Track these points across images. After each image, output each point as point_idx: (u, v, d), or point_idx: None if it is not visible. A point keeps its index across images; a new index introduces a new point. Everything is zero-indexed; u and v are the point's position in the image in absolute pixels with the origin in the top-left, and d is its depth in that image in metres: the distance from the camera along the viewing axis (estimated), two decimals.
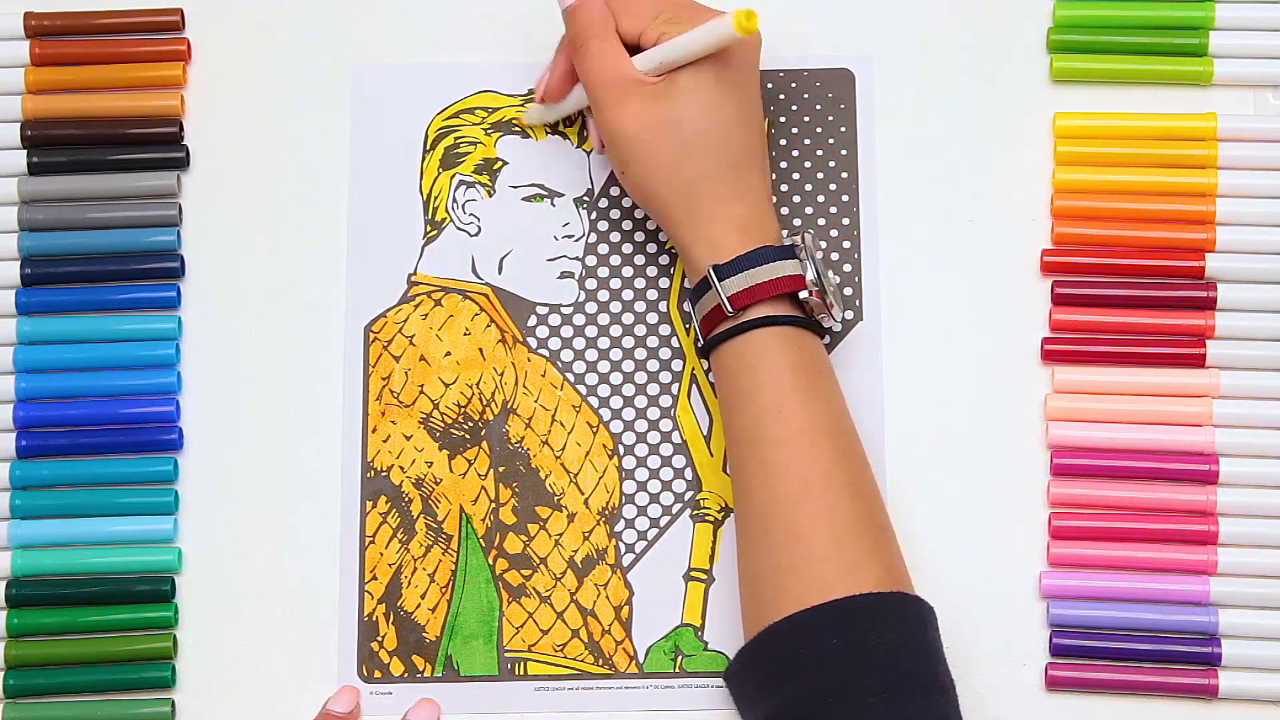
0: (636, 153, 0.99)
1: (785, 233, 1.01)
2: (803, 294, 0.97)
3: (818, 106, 1.08)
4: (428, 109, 1.09)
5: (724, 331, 0.97)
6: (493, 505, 1.05)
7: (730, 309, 0.96)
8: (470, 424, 1.05)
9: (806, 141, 1.08)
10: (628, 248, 1.07)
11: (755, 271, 0.96)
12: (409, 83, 1.09)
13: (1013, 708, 1.02)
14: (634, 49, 1.01)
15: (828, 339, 1.05)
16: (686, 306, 1.06)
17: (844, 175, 1.07)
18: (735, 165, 0.98)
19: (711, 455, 1.05)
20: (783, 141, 1.08)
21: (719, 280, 0.96)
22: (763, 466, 0.95)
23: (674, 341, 1.06)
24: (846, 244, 1.07)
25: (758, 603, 0.95)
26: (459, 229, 1.08)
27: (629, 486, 1.05)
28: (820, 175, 1.07)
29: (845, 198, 1.07)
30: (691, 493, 1.05)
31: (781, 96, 1.08)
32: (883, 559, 0.94)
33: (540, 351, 1.06)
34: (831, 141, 1.08)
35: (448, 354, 1.06)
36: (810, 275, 0.97)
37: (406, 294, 1.07)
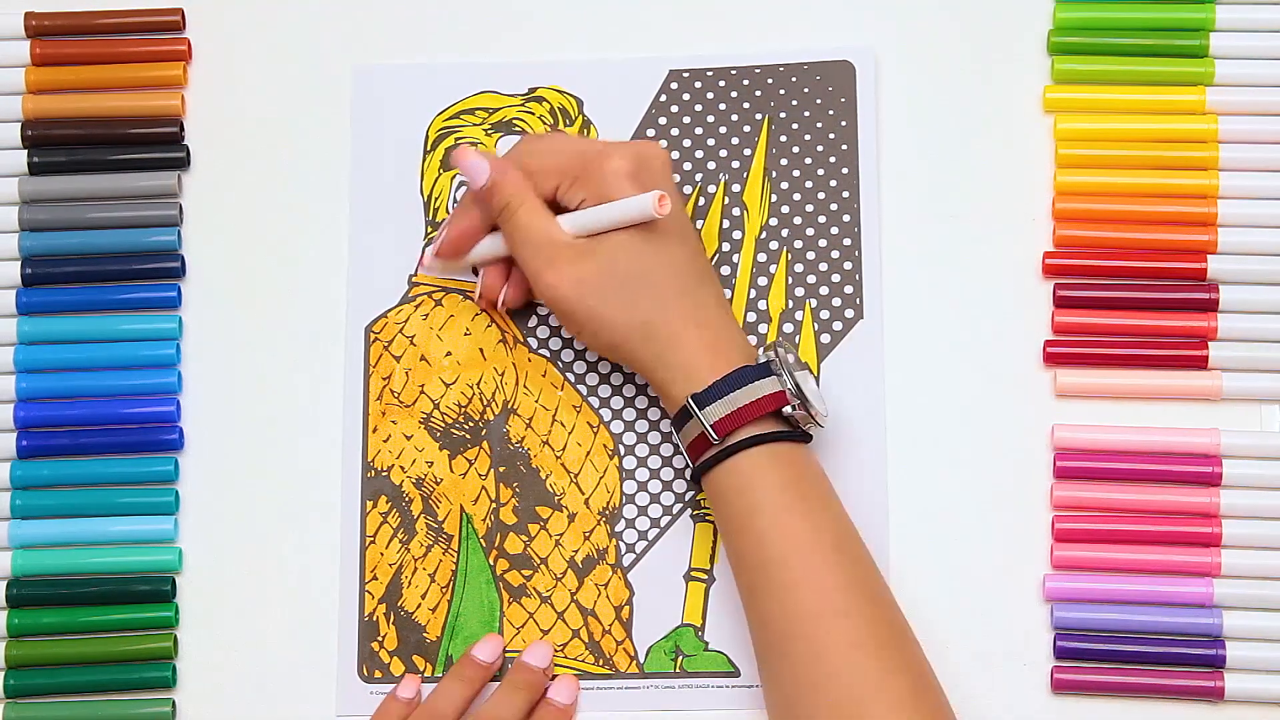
0: (583, 311, 0.98)
1: (760, 347, 1.02)
2: (786, 409, 0.96)
3: (818, 100, 1.08)
4: (428, 110, 1.09)
5: (712, 457, 0.96)
6: (493, 505, 1.05)
7: (715, 437, 0.96)
8: (471, 424, 1.05)
9: (806, 137, 1.08)
10: None
11: (735, 395, 0.95)
12: (409, 83, 1.09)
13: (1018, 711, 1.02)
14: (552, 207, 1.01)
15: (826, 338, 1.05)
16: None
17: (844, 171, 1.07)
18: (685, 291, 0.98)
19: None
20: (782, 138, 1.08)
21: (700, 409, 0.96)
22: (774, 587, 0.93)
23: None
24: (847, 241, 1.06)
25: (787, 717, 0.94)
26: None
27: (629, 486, 1.04)
28: (820, 171, 1.07)
29: (846, 194, 1.07)
30: (692, 493, 1.04)
31: (781, 91, 1.08)
32: (911, 667, 0.93)
33: (541, 352, 1.06)
34: (832, 136, 1.08)
35: (448, 354, 1.06)
36: (790, 388, 0.96)
37: (407, 294, 1.07)
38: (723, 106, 1.08)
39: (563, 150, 1.01)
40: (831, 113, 1.08)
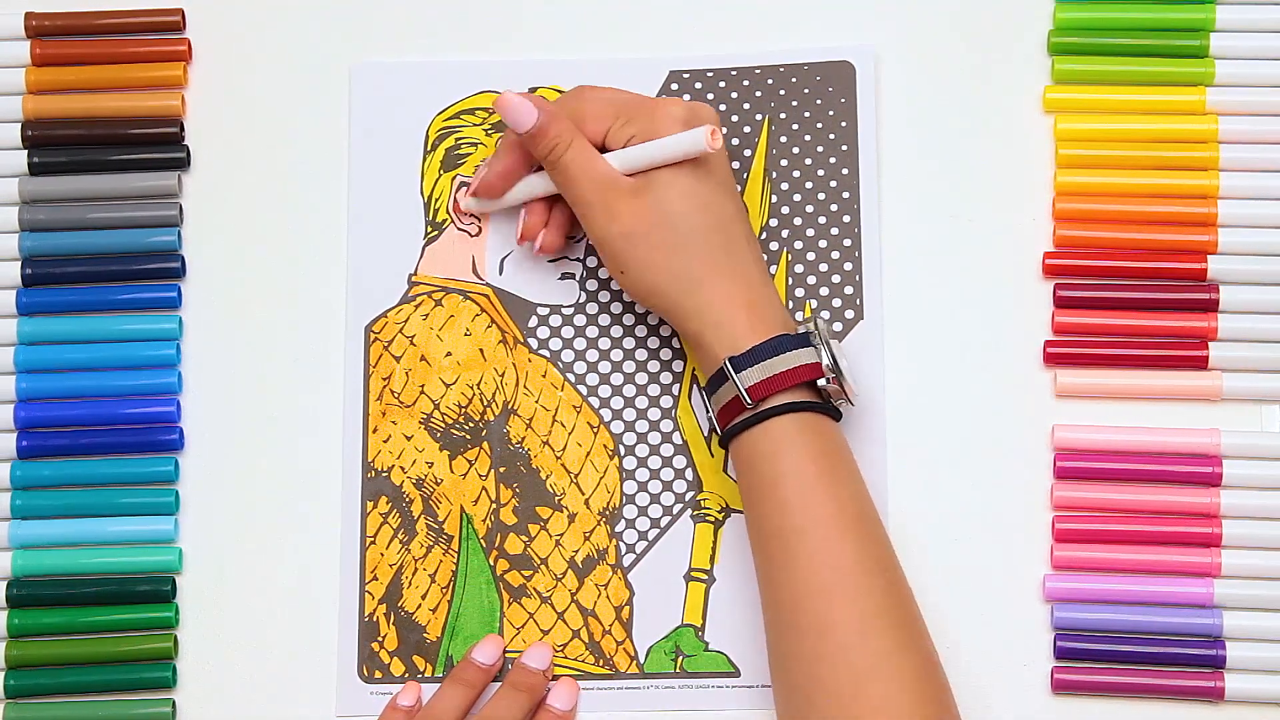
0: (630, 251, 0.99)
1: (797, 315, 1.02)
2: (821, 382, 0.96)
3: (818, 101, 1.08)
4: (428, 109, 1.09)
5: (742, 421, 0.96)
6: (493, 506, 1.05)
7: (749, 400, 0.96)
8: (471, 424, 1.05)
9: (806, 137, 1.08)
10: None
11: (772, 362, 0.96)
12: (409, 83, 1.09)
13: (1018, 711, 1.02)
14: (600, 151, 1.01)
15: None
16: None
17: (844, 171, 1.07)
18: (728, 248, 0.98)
19: (712, 456, 1.05)
20: (783, 138, 1.08)
21: (736, 371, 0.96)
22: (789, 556, 0.94)
23: (675, 342, 1.06)
24: (847, 241, 1.06)
25: (789, 690, 0.94)
26: (460, 230, 1.08)
27: (630, 487, 1.05)
28: (821, 172, 1.07)
29: (846, 194, 1.07)
30: (692, 493, 1.04)
31: (781, 91, 1.08)
32: (918, 648, 0.93)
33: (541, 352, 1.06)
34: (832, 137, 1.08)
35: (448, 354, 1.06)
36: (826, 362, 0.96)
37: (407, 294, 1.07)
38: (723, 107, 1.08)
39: (615, 96, 1.02)
40: (831, 113, 1.08)
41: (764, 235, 1.07)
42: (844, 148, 1.08)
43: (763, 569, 0.96)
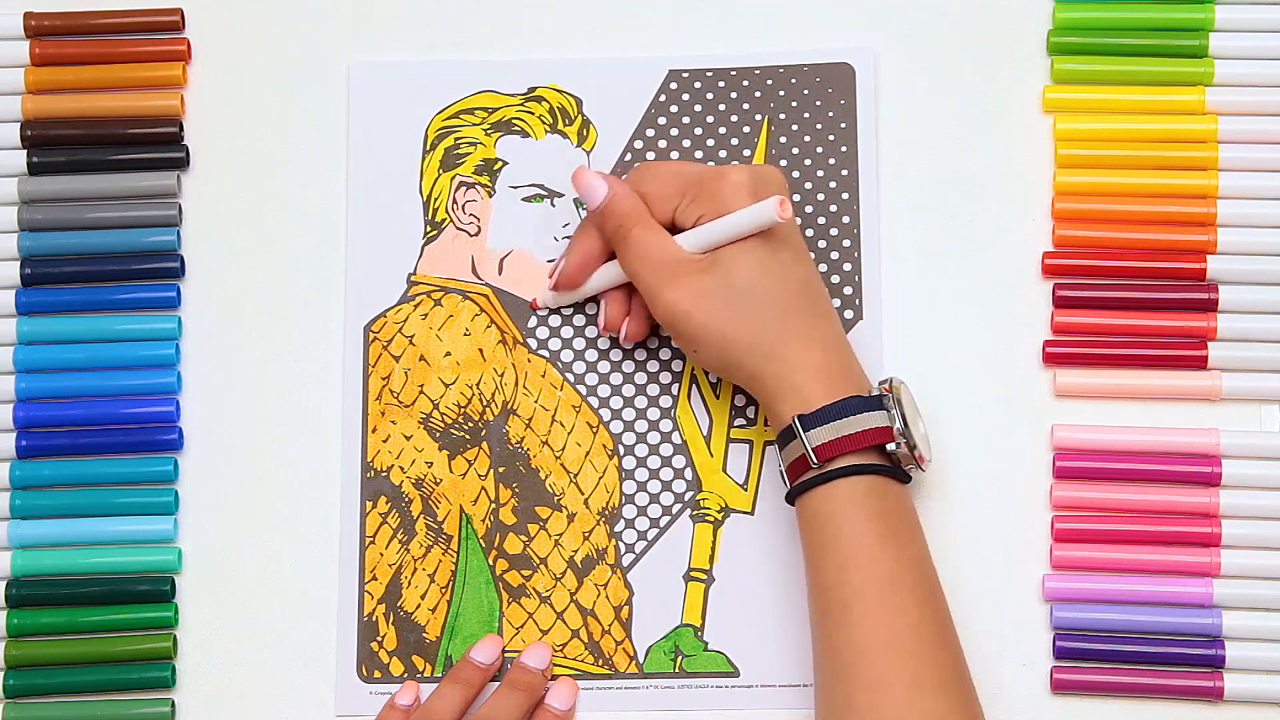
0: (701, 328, 0.98)
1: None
2: (890, 445, 0.96)
3: (818, 102, 1.08)
4: (427, 109, 1.09)
5: (808, 480, 0.96)
6: (493, 505, 1.05)
7: (815, 460, 0.95)
8: (470, 424, 1.05)
9: (806, 138, 1.08)
10: None
11: (842, 423, 0.95)
12: (408, 83, 1.09)
13: (1018, 711, 1.02)
14: (669, 230, 1.01)
15: None
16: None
17: (844, 172, 1.07)
18: (802, 314, 0.98)
19: (711, 455, 1.05)
20: (782, 139, 1.08)
21: (804, 431, 0.95)
22: (846, 614, 0.93)
23: (674, 341, 1.06)
24: (846, 242, 1.06)
25: None
26: (459, 229, 1.08)
27: (629, 486, 1.05)
28: (820, 172, 1.07)
29: (845, 195, 1.07)
30: (691, 493, 1.04)
31: (781, 92, 1.08)
32: (968, 710, 0.93)
33: (540, 352, 1.06)
34: (831, 137, 1.08)
35: (448, 354, 1.06)
36: (898, 425, 0.96)
37: (406, 294, 1.07)
38: (722, 107, 1.08)
39: (680, 172, 1.01)
40: (831, 114, 1.08)
41: None
42: (843, 148, 1.08)
43: (819, 624, 0.95)
